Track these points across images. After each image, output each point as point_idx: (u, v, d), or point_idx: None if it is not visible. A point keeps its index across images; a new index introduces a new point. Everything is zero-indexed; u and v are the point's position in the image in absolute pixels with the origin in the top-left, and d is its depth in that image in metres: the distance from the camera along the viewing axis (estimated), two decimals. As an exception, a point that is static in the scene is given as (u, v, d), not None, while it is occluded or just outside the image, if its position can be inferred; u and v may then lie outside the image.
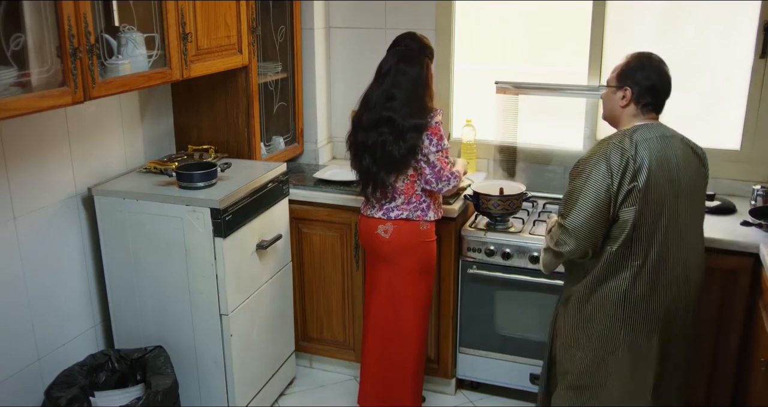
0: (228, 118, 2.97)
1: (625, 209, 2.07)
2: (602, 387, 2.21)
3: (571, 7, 3.13)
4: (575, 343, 2.24)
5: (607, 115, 2.27)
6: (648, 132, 2.13)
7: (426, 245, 2.65)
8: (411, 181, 2.57)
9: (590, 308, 2.18)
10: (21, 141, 2.26)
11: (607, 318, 2.15)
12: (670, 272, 2.14)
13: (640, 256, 2.10)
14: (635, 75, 2.15)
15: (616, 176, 2.06)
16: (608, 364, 2.19)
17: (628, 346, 2.16)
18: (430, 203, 2.61)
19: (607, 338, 2.17)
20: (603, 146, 2.13)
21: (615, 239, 2.10)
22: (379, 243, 2.65)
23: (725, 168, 3.03)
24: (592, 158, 2.12)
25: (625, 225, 2.08)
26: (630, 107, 2.18)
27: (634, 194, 2.06)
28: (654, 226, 2.09)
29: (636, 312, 2.14)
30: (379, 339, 2.75)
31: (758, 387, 2.27)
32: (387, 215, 2.61)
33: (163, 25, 2.36)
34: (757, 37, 2.87)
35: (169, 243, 2.50)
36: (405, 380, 2.76)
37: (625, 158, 2.06)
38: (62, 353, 2.49)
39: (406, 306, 2.68)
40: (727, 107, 3.06)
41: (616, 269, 2.12)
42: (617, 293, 2.13)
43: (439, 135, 2.49)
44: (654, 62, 2.18)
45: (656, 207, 2.08)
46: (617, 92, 2.18)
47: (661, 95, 2.18)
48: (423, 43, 2.58)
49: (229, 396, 2.65)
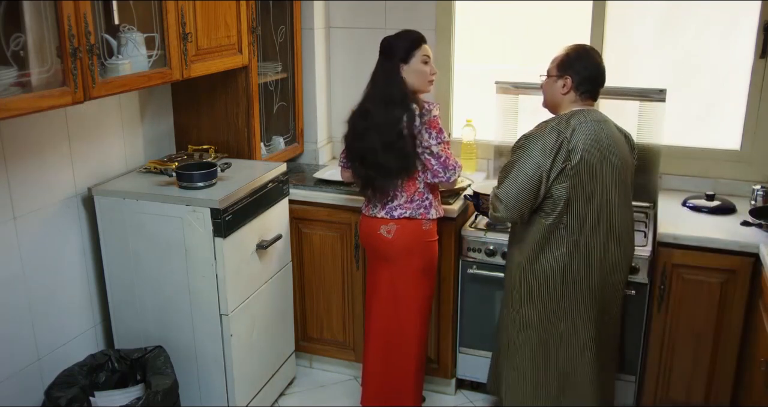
0: (228, 118, 2.97)
1: (557, 186, 2.27)
2: (542, 352, 2.45)
3: (571, 7, 3.13)
4: (521, 311, 2.45)
5: (548, 102, 2.45)
6: (584, 116, 2.31)
7: (428, 246, 2.64)
8: (413, 178, 2.56)
9: (533, 278, 2.39)
10: (21, 141, 2.26)
11: (548, 292, 2.37)
12: (604, 248, 2.35)
13: (575, 232, 2.31)
14: (575, 65, 2.34)
15: (549, 155, 2.25)
16: (549, 333, 2.41)
17: (568, 318, 2.38)
18: (432, 200, 2.61)
19: (549, 310, 2.39)
20: (542, 127, 2.32)
21: (549, 214, 2.31)
22: (382, 244, 2.65)
23: (725, 168, 3.03)
24: (532, 136, 2.31)
25: (558, 201, 2.28)
26: (570, 94, 2.36)
27: (566, 172, 2.25)
28: (587, 203, 2.29)
29: (575, 286, 2.36)
30: (381, 340, 2.74)
31: (758, 387, 2.27)
32: (390, 214, 2.59)
33: (163, 25, 2.36)
34: (757, 37, 2.87)
35: (169, 243, 2.50)
36: (406, 381, 2.76)
37: (561, 139, 2.25)
38: (62, 353, 2.49)
39: (408, 307, 2.68)
40: (727, 107, 3.06)
41: (552, 242, 2.34)
42: (556, 267, 2.34)
43: (438, 128, 2.50)
44: (591, 54, 2.37)
45: (588, 185, 2.28)
46: (558, 81, 2.37)
47: (597, 83, 2.37)
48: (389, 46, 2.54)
49: (229, 396, 2.65)
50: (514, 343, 2.50)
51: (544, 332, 2.42)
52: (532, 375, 2.47)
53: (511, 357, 2.52)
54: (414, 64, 2.54)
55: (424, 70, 2.56)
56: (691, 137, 3.11)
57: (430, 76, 2.59)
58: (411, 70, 2.54)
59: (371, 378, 2.81)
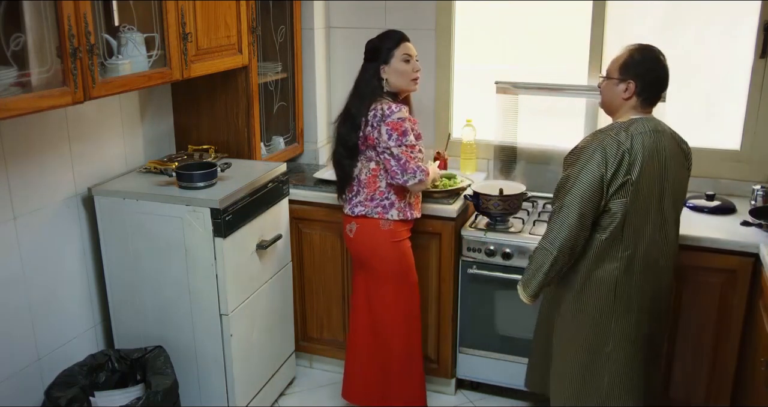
0: (228, 118, 2.97)
1: (615, 201, 2.13)
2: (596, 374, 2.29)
3: (571, 7, 3.12)
4: (570, 334, 2.30)
5: (606, 105, 2.30)
6: (643, 126, 2.18)
7: (395, 247, 2.63)
8: (373, 175, 2.58)
9: (584, 298, 2.24)
10: (21, 141, 2.26)
11: (599, 309, 2.22)
12: (655, 262, 2.22)
13: (630, 247, 2.16)
14: (639, 69, 2.18)
15: (611, 168, 2.11)
16: (599, 354, 2.26)
17: (618, 336, 2.24)
18: (394, 201, 2.60)
19: (599, 327, 2.24)
20: (600, 137, 2.17)
21: (605, 229, 2.17)
22: (348, 243, 2.71)
23: (725, 168, 3.03)
24: (589, 147, 2.15)
25: (615, 216, 2.14)
26: (631, 99, 2.21)
27: (626, 187, 2.11)
28: (644, 218, 2.16)
29: (627, 302, 2.21)
30: (360, 341, 2.79)
31: (758, 387, 2.27)
32: (352, 210, 2.64)
33: (163, 25, 2.36)
34: (757, 37, 2.87)
35: (169, 243, 2.50)
36: (390, 381, 2.78)
37: (621, 151, 2.11)
38: (62, 353, 2.49)
39: (382, 315, 2.71)
40: (727, 107, 3.05)
41: (606, 258, 2.19)
42: (608, 283, 2.19)
43: (400, 131, 2.49)
44: (658, 57, 2.21)
45: (646, 200, 2.15)
46: (619, 84, 2.20)
47: (661, 89, 2.23)
48: (372, 49, 2.59)
49: (229, 396, 2.65)
50: (563, 350, 2.36)
51: (594, 344, 2.27)
52: (578, 387, 2.33)
53: (558, 363, 2.39)
54: (394, 63, 2.56)
55: (405, 68, 2.57)
56: (691, 137, 3.08)
57: (413, 74, 2.59)
58: (392, 70, 2.57)
59: (353, 374, 2.86)
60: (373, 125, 2.51)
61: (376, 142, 2.52)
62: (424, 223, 2.83)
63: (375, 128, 2.51)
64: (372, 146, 2.55)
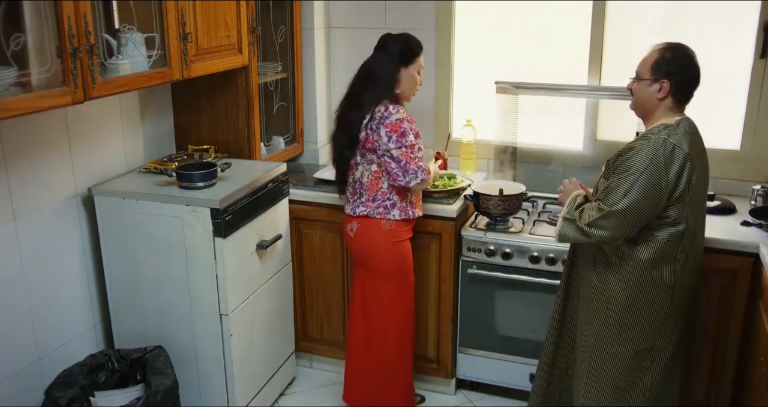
0: (228, 118, 2.97)
1: (677, 206, 2.10)
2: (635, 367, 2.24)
3: (571, 7, 3.12)
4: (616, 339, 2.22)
5: (639, 107, 2.23)
6: (689, 127, 2.14)
7: (395, 246, 2.65)
8: (375, 177, 2.59)
9: (639, 302, 2.17)
10: (21, 141, 2.26)
11: (655, 312, 2.18)
12: (700, 263, 2.26)
13: (686, 249, 2.15)
14: (671, 67, 2.13)
15: (674, 174, 2.06)
16: (649, 352, 2.21)
17: (672, 338, 2.21)
18: (396, 201, 2.61)
19: (654, 330, 2.20)
20: (659, 141, 2.08)
21: (666, 232, 2.12)
22: (349, 242, 2.72)
23: (725, 168, 3.03)
24: (648, 151, 2.07)
25: (678, 221, 2.11)
26: (667, 99, 2.16)
27: (688, 193, 2.09)
28: (697, 221, 2.17)
29: (681, 304, 2.20)
30: (357, 339, 2.80)
31: (758, 387, 2.27)
32: (353, 211, 2.65)
33: (163, 25, 2.36)
34: (757, 37, 2.87)
35: (169, 243, 2.50)
36: (384, 380, 2.78)
37: (682, 156, 2.07)
38: (62, 353, 2.49)
39: (378, 313, 2.71)
40: (727, 107, 3.05)
41: (666, 260, 2.15)
42: (666, 285, 2.16)
43: (399, 132, 2.50)
44: (690, 54, 2.16)
45: (700, 203, 2.18)
46: (653, 85, 2.15)
47: (695, 87, 2.18)
48: (398, 48, 2.57)
49: (229, 396, 2.65)
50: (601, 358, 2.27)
51: (642, 346, 2.22)
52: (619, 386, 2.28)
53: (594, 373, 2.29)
54: (411, 70, 2.60)
55: (417, 78, 2.63)
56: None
57: (418, 85, 2.65)
58: (407, 75, 2.59)
59: (351, 376, 2.87)
60: (372, 128, 2.52)
61: (375, 145, 2.53)
62: (424, 223, 2.83)
63: (374, 130, 2.52)
64: (372, 149, 2.55)
